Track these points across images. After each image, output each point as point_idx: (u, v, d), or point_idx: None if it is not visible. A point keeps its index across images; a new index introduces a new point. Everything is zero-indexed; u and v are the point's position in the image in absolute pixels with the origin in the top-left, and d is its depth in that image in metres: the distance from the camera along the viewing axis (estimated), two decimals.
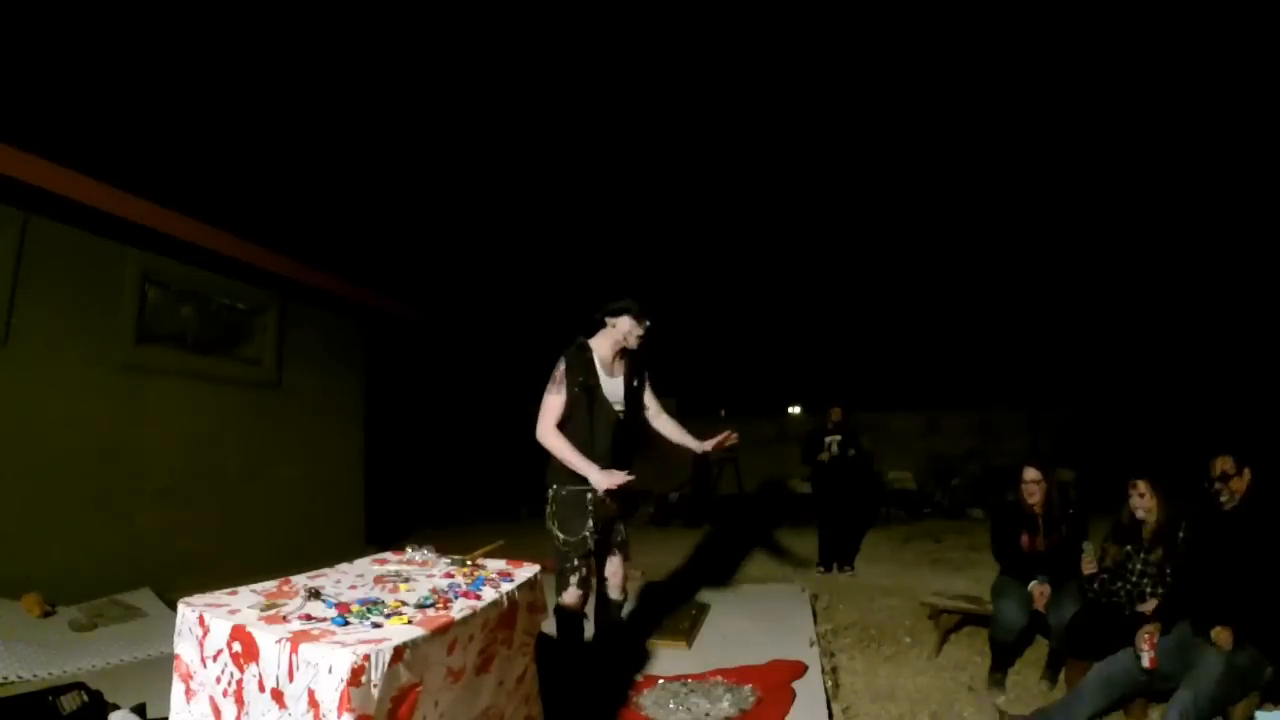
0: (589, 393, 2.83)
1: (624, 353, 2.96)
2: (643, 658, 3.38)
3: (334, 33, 8.90)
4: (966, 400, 11.42)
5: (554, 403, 2.78)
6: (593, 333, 2.98)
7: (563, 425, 2.80)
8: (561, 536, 2.76)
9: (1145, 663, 2.49)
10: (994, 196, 12.12)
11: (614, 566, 2.97)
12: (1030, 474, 3.42)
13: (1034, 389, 11.22)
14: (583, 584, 2.74)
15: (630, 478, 2.75)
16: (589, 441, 2.82)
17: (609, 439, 2.86)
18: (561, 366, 2.82)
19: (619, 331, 2.90)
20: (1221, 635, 2.42)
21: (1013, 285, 12.88)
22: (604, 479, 2.67)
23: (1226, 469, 2.69)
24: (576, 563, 2.72)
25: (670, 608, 4.18)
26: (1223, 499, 2.72)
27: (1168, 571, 2.89)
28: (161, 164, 5.32)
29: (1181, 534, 2.89)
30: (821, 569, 5.73)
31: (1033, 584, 3.25)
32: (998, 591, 3.43)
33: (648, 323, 2.92)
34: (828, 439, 5.89)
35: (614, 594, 2.99)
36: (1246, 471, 2.67)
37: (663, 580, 5.13)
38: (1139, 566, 2.99)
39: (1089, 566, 3.00)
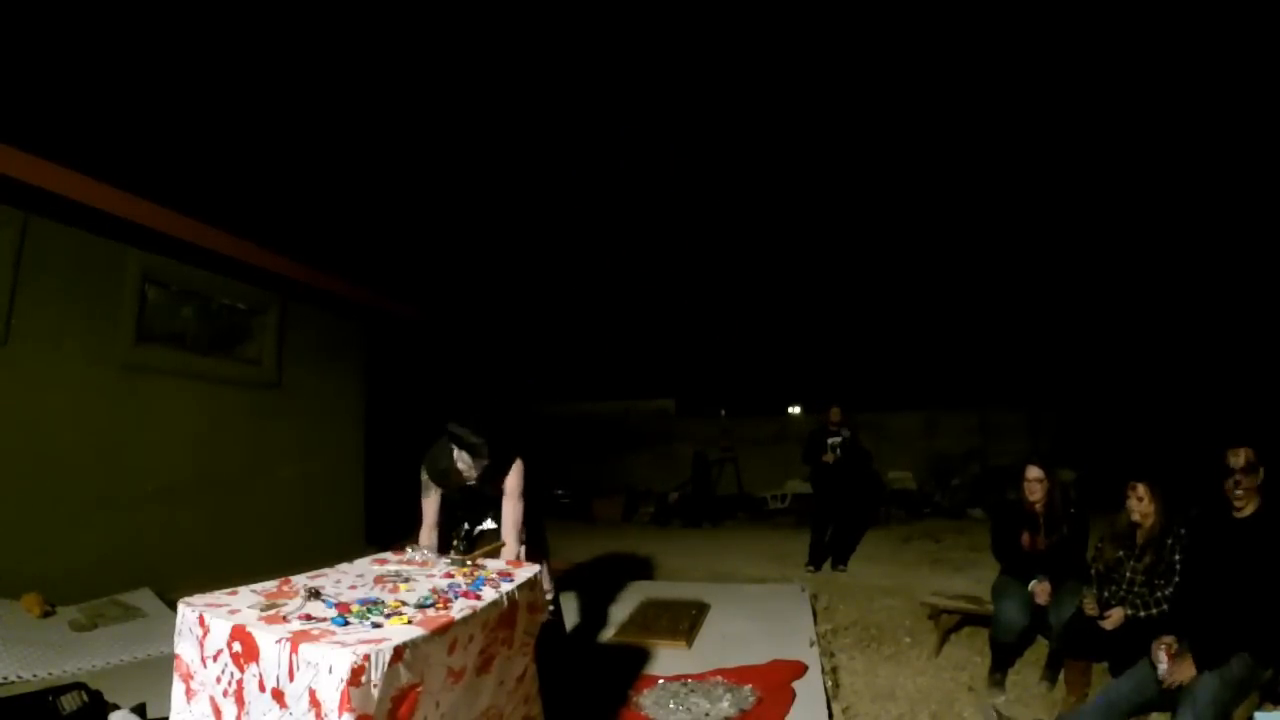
0: (455, 496, 3.17)
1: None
2: (643, 658, 3.38)
3: (334, 33, 8.90)
4: (966, 400, 11.40)
5: (428, 507, 3.15)
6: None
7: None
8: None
9: (1162, 673, 2.43)
10: (993, 197, 12.12)
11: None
12: (1033, 472, 3.42)
13: (1034, 389, 11.21)
14: None
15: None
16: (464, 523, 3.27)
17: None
18: (426, 481, 3.12)
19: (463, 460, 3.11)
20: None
21: (1012, 285, 12.88)
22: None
23: (1250, 459, 2.45)
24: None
25: (670, 608, 4.18)
26: (1238, 495, 2.48)
27: (1156, 581, 2.90)
28: (161, 164, 5.32)
29: (1170, 540, 2.88)
30: (811, 567, 5.77)
31: (1033, 583, 3.25)
32: (998, 592, 3.43)
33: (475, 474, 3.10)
34: (830, 440, 5.90)
35: None
36: (1261, 471, 2.45)
37: (662, 580, 5.13)
38: (1127, 574, 2.99)
39: (1090, 609, 2.98)
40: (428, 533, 3.03)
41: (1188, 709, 2.32)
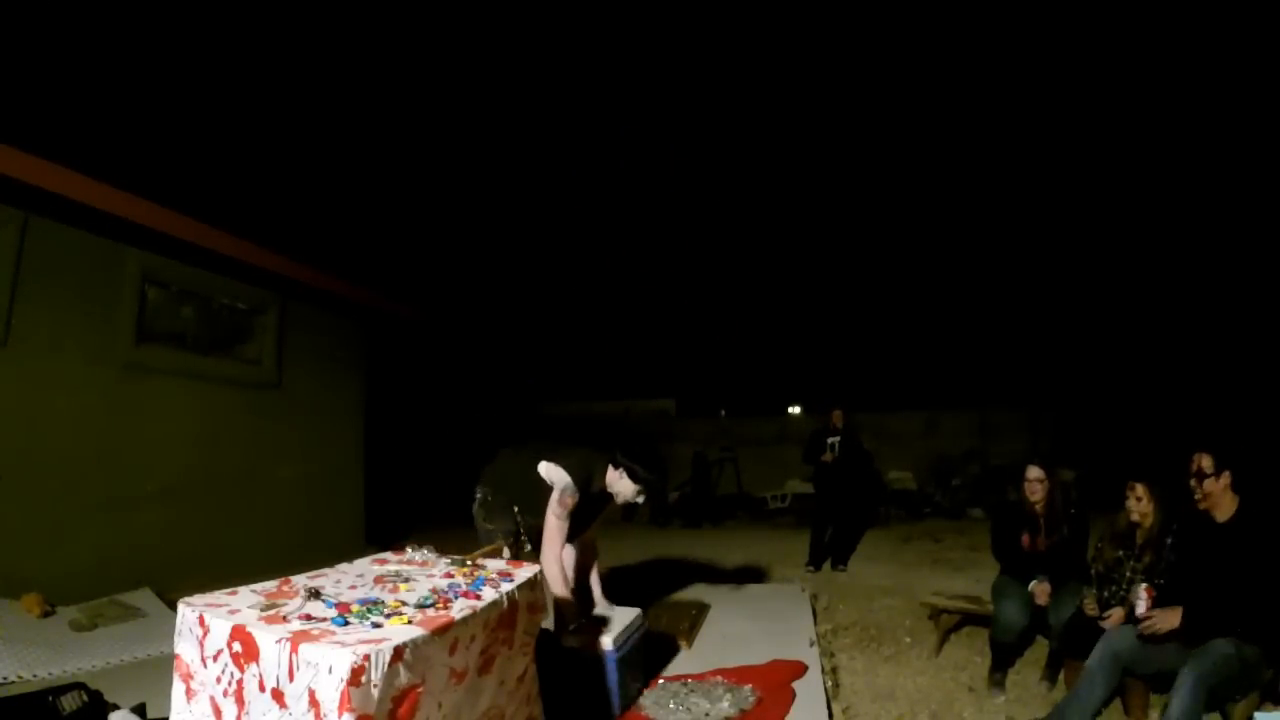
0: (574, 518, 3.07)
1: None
2: None
3: (334, 34, 8.90)
4: (966, 400, 11.41)
5: (565, 529, 2.93)
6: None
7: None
8: (490, 528, 3.05)
9: (1141, 609, 2.50)
10: (993, 197, 12.12)
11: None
12: (1034, 472, 3.42)
13: (1034, 389, 11.22)
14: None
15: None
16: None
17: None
18: (573, 497, 2.92)
19: (619, 485, 3.07)
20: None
21: (1012, 285, 12.88)
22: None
23: (1204, 466, 2.56)
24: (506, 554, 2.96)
25: (670, 608, 4.18)
26: (1195, 497, 2.61)
27: (1156, 581, 2.90)
28: (161, 164, 5.33)
29: (1169, 540, 2.88)
30: (811, 567, 5.78)
31: (1033, 583, 3.25)
32: (998, 591, 3.43)
33: (643, 500, 3.12)
34: (829, 439, 5.94)
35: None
36: (1226, 475, 2.52)
37: (663, 580, 5.12)
38: (1128, 574, 2.99)
39: (1091, 610, 2.99)
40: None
41: (1194, 666, 2.33)
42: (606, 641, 2.69)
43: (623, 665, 2.73)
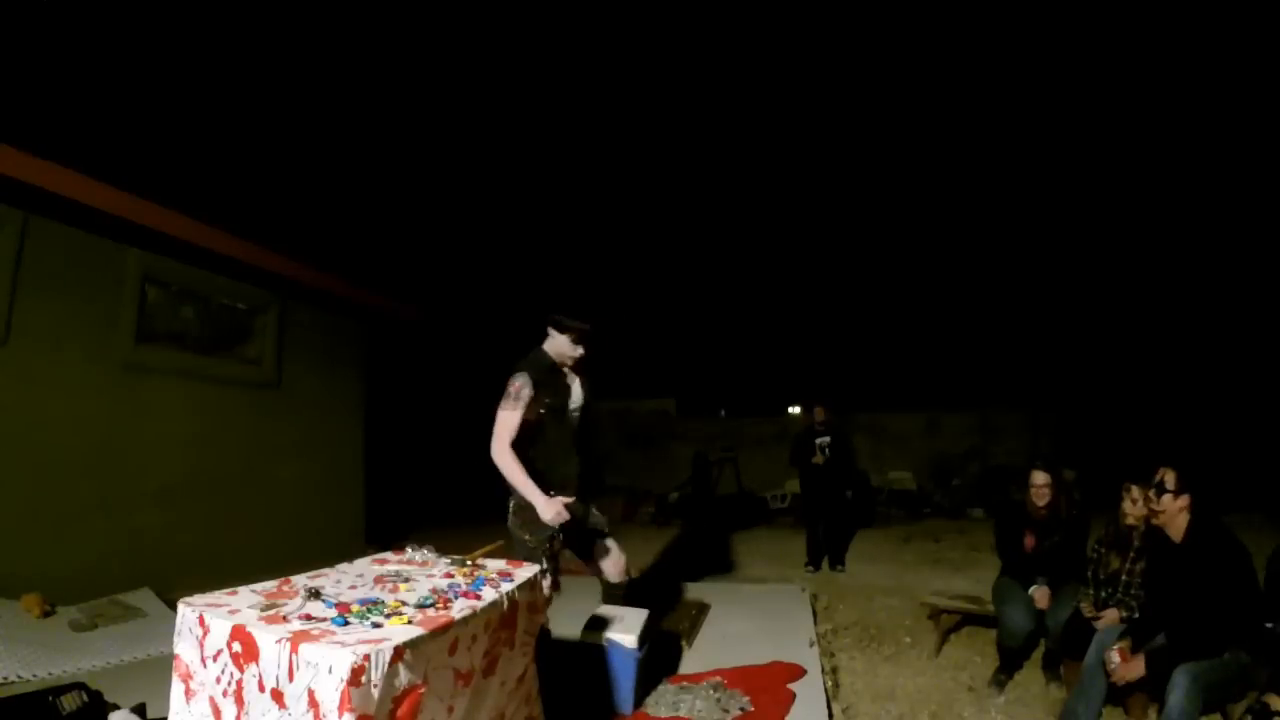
0: (558, 413, 2.86)
1: (576, 364, 2.95)
2: None
3: (334, 34, 8.90)
4: (966, 400, 11.40)
5: (513, 420, 2.69)
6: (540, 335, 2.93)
7: (528, 445, 2.77)
8: (528, 538, 2.80)
9: (1113, 668, 2.54)
10: (993, 198, 12.11)
11: (604, 552, 3.06)
12: (1040, 478, 3.41)
13: (1034, 389, 11.21)
14: (553, 584, 2.80)
15: (571, 501, 2.73)
16: (560, 463, 2.87)
17: (576, 459, 2.93)
18: (524, 385, 2.72)
19: (556, 345, 2.89)
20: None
21: (1012, 286, 12.88)
22: (550, 510, 2.64)
23: (1166, 481, 2.52)
24: (545, 563, 2.67)
25: (670, 608, 4.18)
26: (1153, 507, 2.58)
27: (1130, 613, 2.90)
28: (161, 164, 5.32)
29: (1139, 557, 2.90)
30: (811, 568, 5.77)
31: (1033, 589, 3.26)
32: (1001, 597, 3.42)
33: (580, 350, 2.91)
34: (818, 440, 5.85)
35: (614, 579, 3.10)
36: (1185, 498, 2.49)
37: (663, 580, 5.12)
38: (1124, 577, 2.99)
39: (1089, 610, 3.00)
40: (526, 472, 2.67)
41: (1190, 666, 2.34)
42: (630, 640, 2.68)
43: (643, 665, 2.73)
